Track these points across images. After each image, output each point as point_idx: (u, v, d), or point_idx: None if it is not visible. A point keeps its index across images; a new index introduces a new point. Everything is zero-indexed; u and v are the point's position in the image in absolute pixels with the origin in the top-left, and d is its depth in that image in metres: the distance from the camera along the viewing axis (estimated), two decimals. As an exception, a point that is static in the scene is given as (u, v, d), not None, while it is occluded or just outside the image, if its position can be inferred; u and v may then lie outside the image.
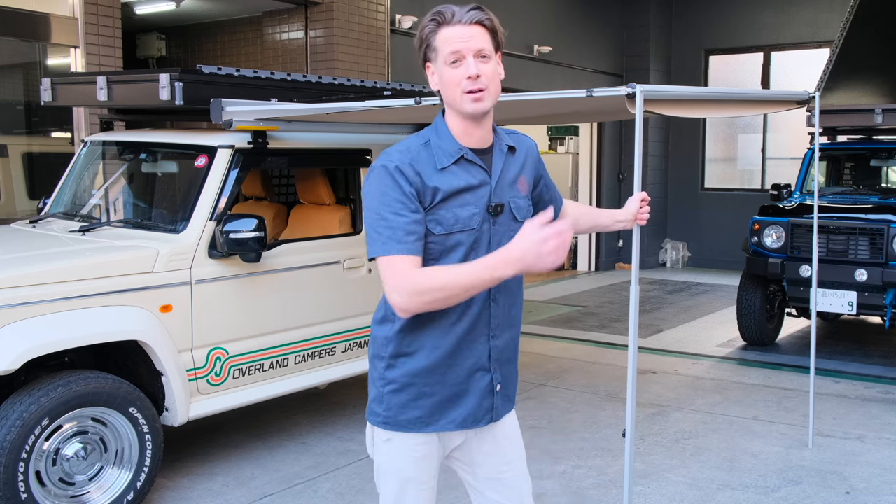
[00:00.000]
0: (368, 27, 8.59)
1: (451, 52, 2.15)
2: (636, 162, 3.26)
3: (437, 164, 2.19)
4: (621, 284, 11.58)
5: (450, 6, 2.20)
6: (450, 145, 2.22)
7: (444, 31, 2.17)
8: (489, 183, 2.25)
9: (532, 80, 11.03)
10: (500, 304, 2.31)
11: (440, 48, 2.17)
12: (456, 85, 2.16)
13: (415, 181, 2.15)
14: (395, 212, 2.12)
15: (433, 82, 2.24)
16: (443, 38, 2.17)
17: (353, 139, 5.20)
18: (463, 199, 2.20)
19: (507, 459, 2.46)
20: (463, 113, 2.20)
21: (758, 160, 13.16)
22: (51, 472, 3.75)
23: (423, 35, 2.20)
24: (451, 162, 2.20)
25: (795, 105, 4.77)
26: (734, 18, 12.96)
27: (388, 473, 2.34)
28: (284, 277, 4.70)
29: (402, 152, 2.19)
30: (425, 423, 2.29)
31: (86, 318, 3.84)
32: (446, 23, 2.17)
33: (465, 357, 2.28)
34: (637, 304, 3.23)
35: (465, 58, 2.15)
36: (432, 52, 2.20)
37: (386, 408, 2.30)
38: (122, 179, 5.15)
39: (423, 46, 2.22)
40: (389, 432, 2.31)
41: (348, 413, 5.59)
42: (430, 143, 2.22)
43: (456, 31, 2.16)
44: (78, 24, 6.38)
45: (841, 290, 6.87)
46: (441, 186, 2.17)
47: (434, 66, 2.21)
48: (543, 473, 4.63)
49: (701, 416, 5.70)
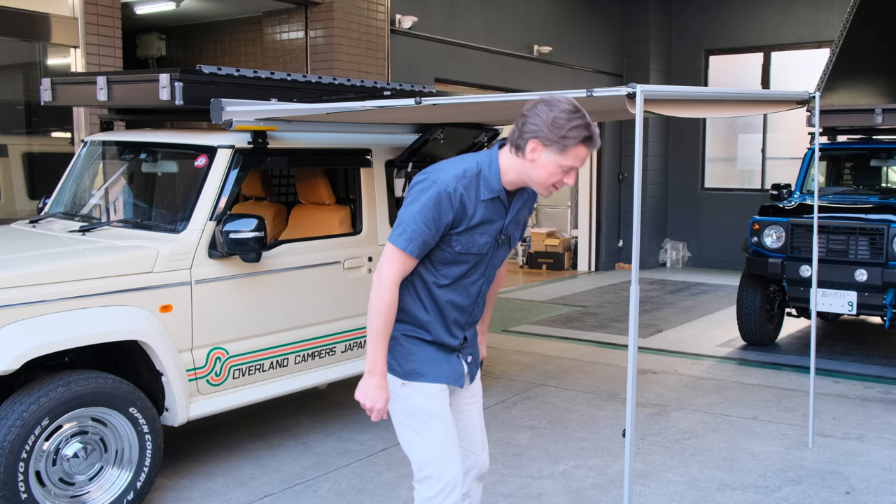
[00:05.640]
0: (368, 27, 8.59)
1: (571, 165, 2.59)
2: (636, 162, 3.26)
3: (480, 194, 2.64)
4: (621, 284, 11.58)
5: (595, 127, 2.57)
6: (495, 183, 2.66)
7: (581, 148, 2.56)
8: (504, 219, 2.73)
9: (532, 80, 11.03)
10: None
11: (569, 154, 2.56)
12: (551, 176, 2.60)
13: (457, 211, 2.62)
14: (426, 224, 2.60)
15: (531, 150, 2.57)
16: (577, 152, 2.56)
17: (353, 139, 5.20)
18: (483, 229, 2.69)
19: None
20: (534, 189, 2.68)
21: (758, 160, 13.16)
22: (51, 472, 3.75)
23: (566, 132, 2.53)
24: (490, 198, 2.66)
25: (795, 105, 4.77)
26: (734, 18, 12.96)
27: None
28: (284, 277, 4.70)
29: (458, 179, 2.61)
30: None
31: (86, 318, 3.84)
32: (587, 143, 2.56)
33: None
34: (637, 304, 3.23)
35: (573, 171, 2.60)
36: (558, 146, 2.54)
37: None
38: (122, 179, 5.15)
39: (558, 135, 2.53)
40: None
41: (348, 413, 5.59)
42: (480, 174, 2.64)
43: (585, 154, 2.58)
44: (78, 24, 6.38)
45: (841, 290, 6.87)
46: (475, 217, 2.65)
47: (546, 149, 2.56)
48: (543, 473, 4.63)
49: (701, 416, 5.70)
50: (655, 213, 13.49)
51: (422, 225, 2.59)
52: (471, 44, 10.03)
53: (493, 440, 5.15)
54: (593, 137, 2.57)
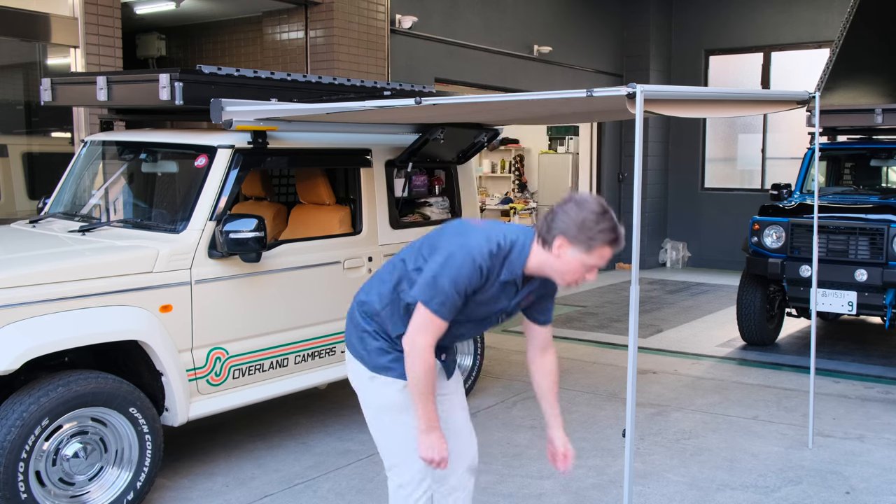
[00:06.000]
0: (368, 27, 8.59)
1: (595, 264, 2.73)
2: (636, 162, 3.26)
3: (501, 275, 2.78)
4: (621, 284, 11.57)
5: (622, 228, 2.72)
6: (518, 269, 2.80)
7: (607, 249, 2.70)
8: (510, 301, 2.88)
9: (532, 80, 11.03)
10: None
11: (594, 253, 2.70)
12: (574, 272, 2.75)
13: (482, 280, 2.76)
14: (458, 292, 2.73)
15: (557, 245, 2.71)
16: (602, 252, 2.70)
17: (353, 139, 5.20)
18: (489, 304, 2.85)
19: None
20: (553, 280, 2.83)
21: (758, 160, 13.16)
22: (51, 472, 3.75)
23: (594, 234, 2.67)
24: (510, 280, 2.80)
25: (795, 105, 4.76)
26: (734, 18, 12.95)
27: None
28: (284, 277, 4.70)
29: (492, 257, 2.75)
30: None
31: (86, 318, 3.84)
32: (613, 244, 2.70)
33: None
34: (637, 304, 3.23)
35: (595, 269, 2.75)
36: (584, 245, 2.68)
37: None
38: (122, 179, 5.15)
39: (586, 236, 2.67)
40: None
41: (348, 413, 5.59)
42: (509, 256, 2.78)
43: (610, 254, 2.71)
44: (78, 24, 6.38)
45: (841, 290, 6.87)
46: (488, 291, 2.80)
47: (572, 247, 2.69)
48: (543, 473, 4.63)
49: (701, 416, 5.70)
50: (655, 213, 13.49)
51: (454, 293, 2.73)
52: (471, 44, 10.03)
53: (493, 440, 5.15)
54: (619, 240, 2.72)
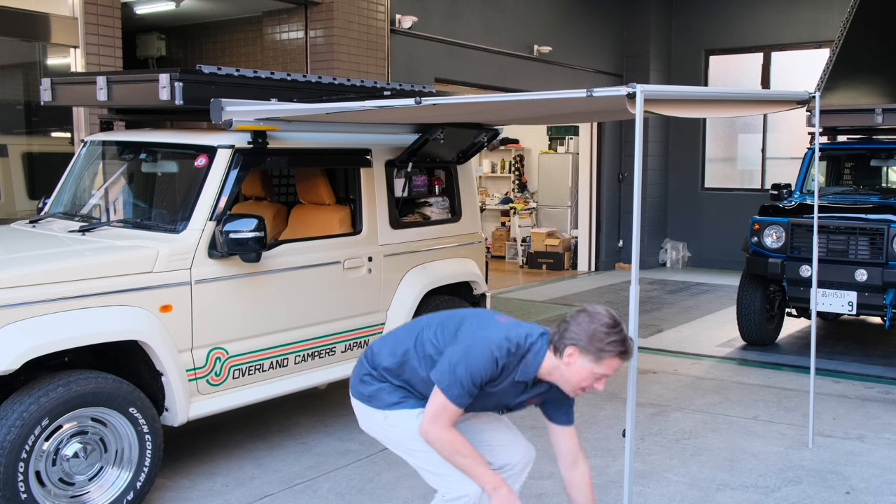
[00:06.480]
0: (368, 27, 8.59)
1: (604, 373, 2.86)
2: (636, 162, 3.26)
3: (516, 374, 2.90)
4: (621, 284, 11.57)
5: (631, 341, 2.88)
6: (531, 372, 2.92)
7: (616, 360, 2.84)
8: (515, 399, 3.00)
9: (532, 80, 11.03)
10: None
11: (603, 363, 2.84)
12: (582, 381, 2.88)
13: (497, 372, 2.88)
14: (475, 383, 2.84)
15: (568, 354, 2.85)
16: (611, 363, 2.84)
17: (353, 139, 5.20)
18: (497, 396, 2.97)
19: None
20: (562, 388, 2.96)
21: (758, 160, 13.16)
22: (51, 472, 3.75)
23: (604, 346, 2.81)
24: (521, 380, 2.92)
25: (795, 105, 4.76)
26: (734, 18, 12.95)
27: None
28: (284, 277, 4.70)
29: (509, 357, 2.87)
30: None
31: (86, 318, 3.83)
32: (622, 356, 2.85)
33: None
34: (637, 304, 3.23)
35: (604, 378, 2.88)
36: (594, 356, 2.82)
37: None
38: (121, 179, 5.15)
39: (597, 347, 2.81)
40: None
41: (348, 413, 5.57)
42: (525, 358, 2.89)
43: (619, 365, 2.86)
44: (78, 24, 6.38)
45: (841, 290, 6.87)
46: (498, 386, 2.91)
47: (582, 356, 2.84)
48: (543, 473, 4.62)
49: (701, 416, 5.70)
50: (655, 213, 13.49)
51: (470, 383, 2.83)
52: (471, 44, 10.02)
53: (493, 440, 5.14)
54: (628, 352, 2.85)
